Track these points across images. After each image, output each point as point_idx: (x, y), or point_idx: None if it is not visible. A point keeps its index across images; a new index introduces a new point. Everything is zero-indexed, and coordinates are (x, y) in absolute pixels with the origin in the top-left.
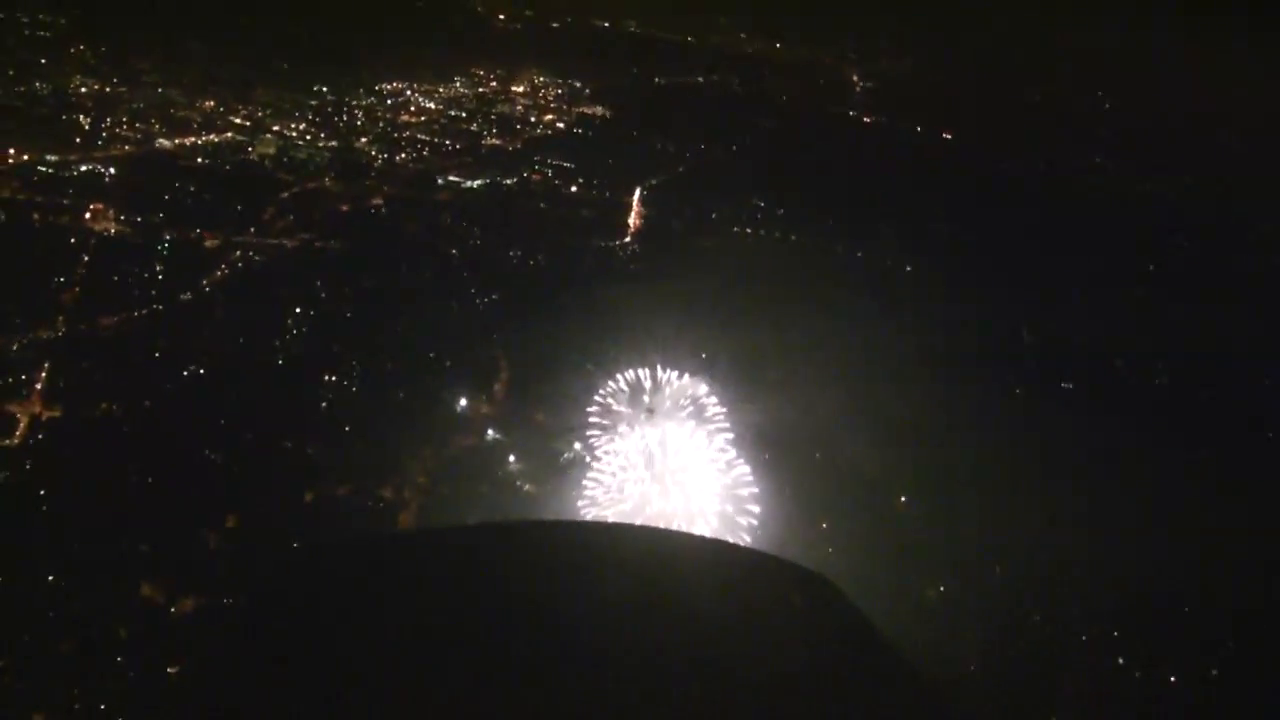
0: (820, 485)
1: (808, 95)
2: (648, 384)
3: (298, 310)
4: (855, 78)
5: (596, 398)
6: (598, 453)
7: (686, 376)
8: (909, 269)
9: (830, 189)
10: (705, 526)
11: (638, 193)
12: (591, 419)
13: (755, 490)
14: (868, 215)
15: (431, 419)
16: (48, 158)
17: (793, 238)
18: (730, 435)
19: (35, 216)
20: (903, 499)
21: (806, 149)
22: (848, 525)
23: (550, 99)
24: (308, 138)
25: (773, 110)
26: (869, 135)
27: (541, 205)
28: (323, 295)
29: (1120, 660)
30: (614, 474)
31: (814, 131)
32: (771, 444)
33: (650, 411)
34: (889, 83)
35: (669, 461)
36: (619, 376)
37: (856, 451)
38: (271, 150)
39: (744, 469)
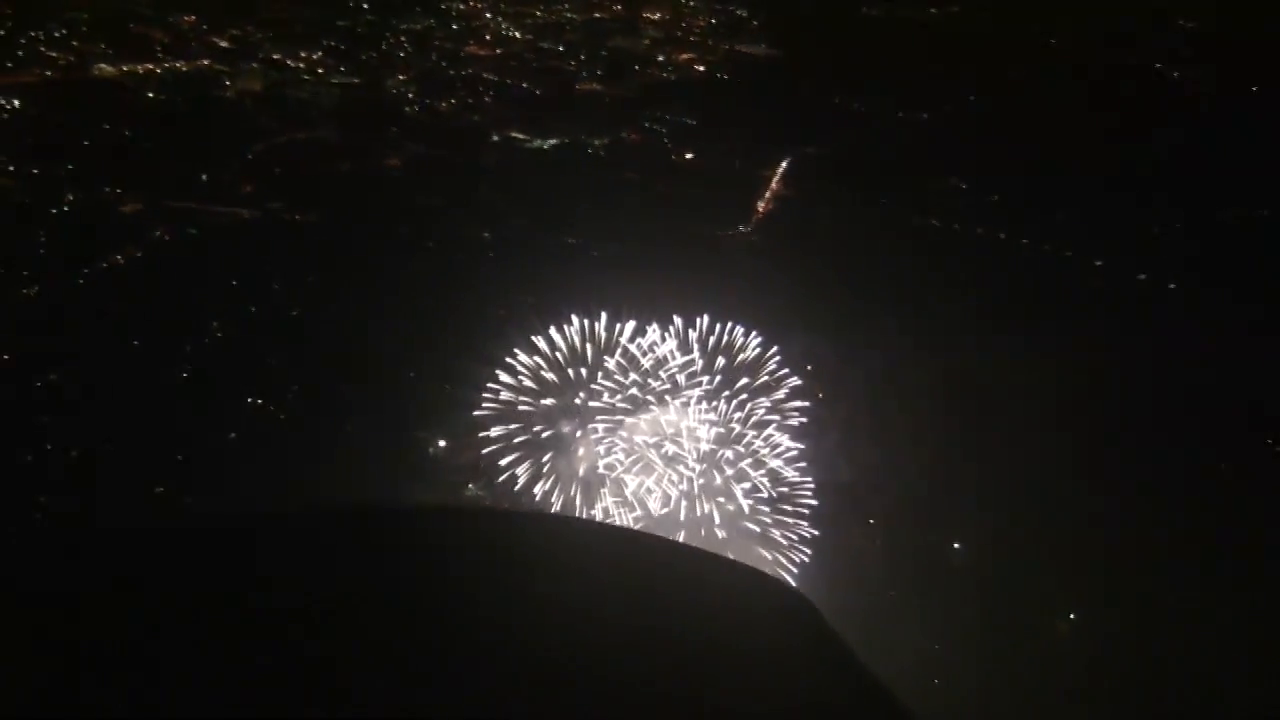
0: None
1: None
2: None
3: (222, 314)
4: None
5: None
6: None
7: None
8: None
9: (1064, 176)
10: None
11: (784, 165)
12: None
13: None
14: (1114, 209)
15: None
16: None
17: (1001, 236)
18: None
19: None
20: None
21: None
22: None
23: (695, 31)
24: (318, 71)
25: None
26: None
27: (631, 175)
28: (273, 288)
29: None
30: None
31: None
32: None
33: None
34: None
35: None
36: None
37: None
38: (257, 85)
39: None
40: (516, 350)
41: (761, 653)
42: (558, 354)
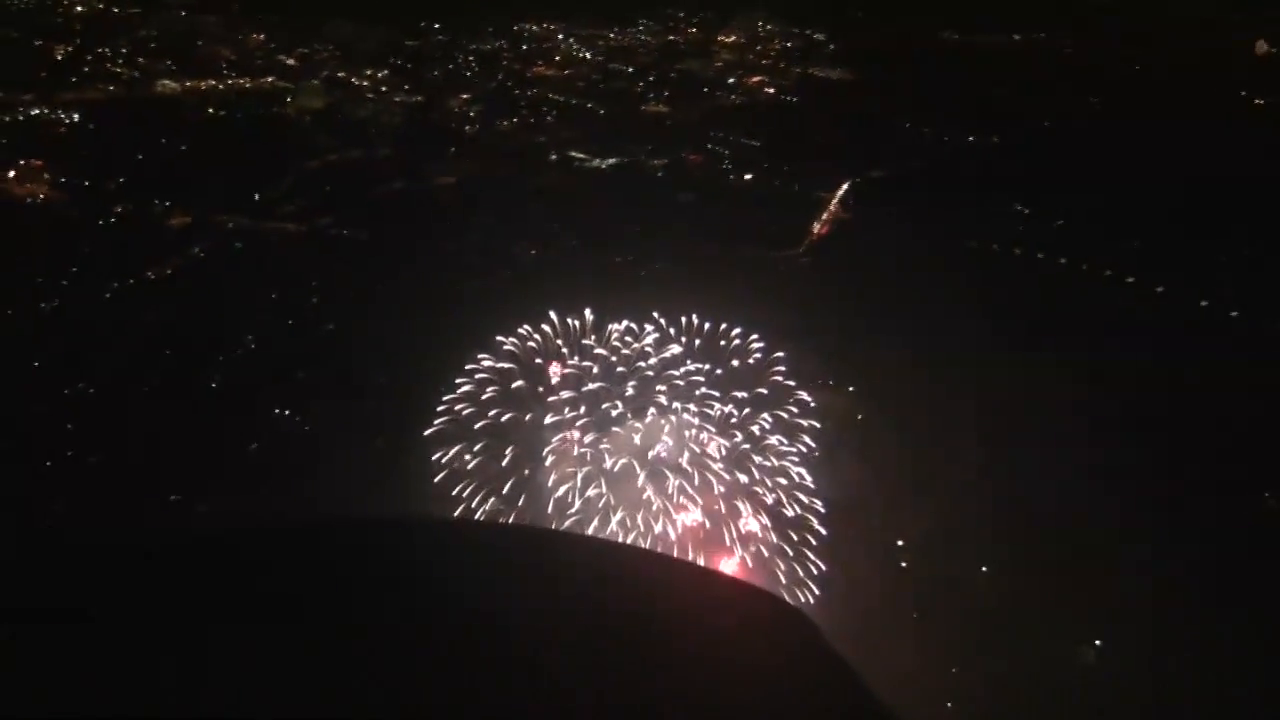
0: None
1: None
2: None
3: (257, 327)
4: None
5: None
6: None
7: None
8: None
9: (1131, 203)
10: None
11: (844, 187)
12: None
13: None
14: (1179, 237)
15: None
16: None
17: (1061, 261)
18: None
19: None
20: None
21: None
22: None
23: (769, 55)
24: (381, 90)
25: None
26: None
27: (687, 197)
28: (311, 302)
29: None
30: None
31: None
32: None
33: None
34: None
35: None
36: None
37: None
38: (318, 103)
39: None
40: (540, 361)
41: (754, 670)
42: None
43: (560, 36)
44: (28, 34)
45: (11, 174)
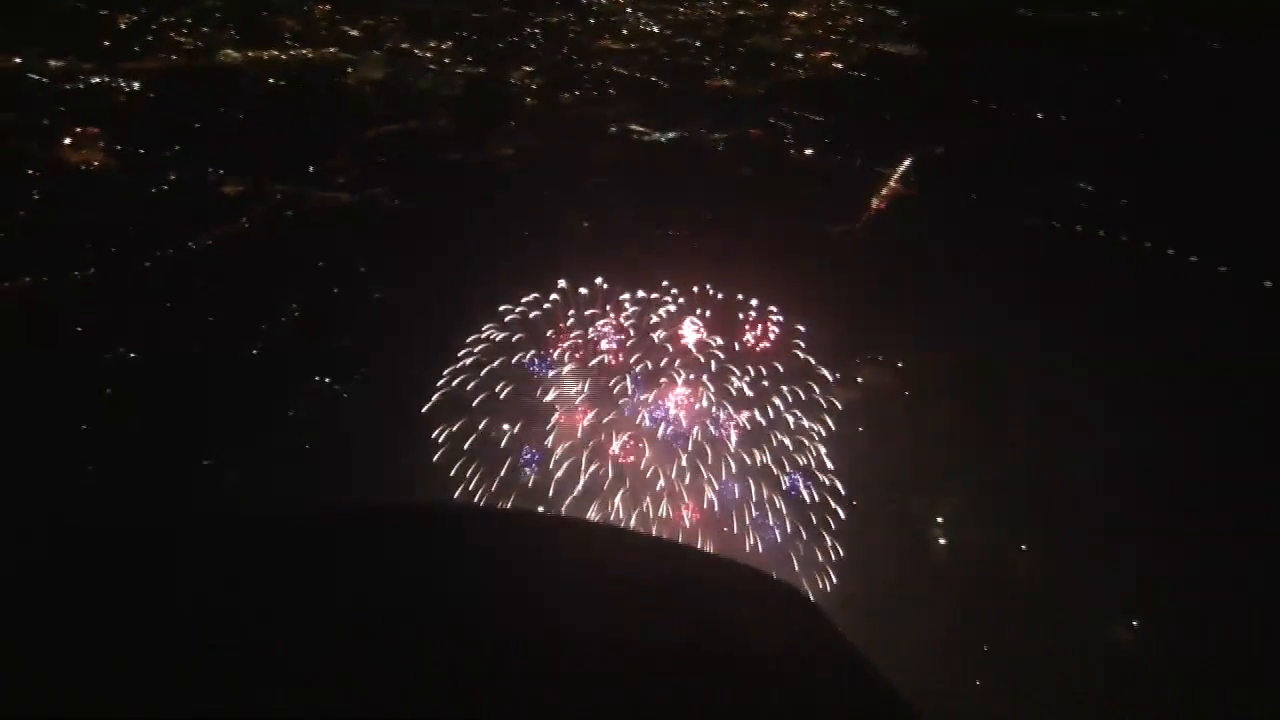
0: None
1: None
2: None
3: (302, 295)
4: None
5: None
6: None
7: None
8: None
9: (1199, 181)
10: None
11: (906, 164)
12: None
13: None
14: (1247, 216)
15: None
16: (50, 63)
17: (1123, 238)
18: None
19: None
20: None
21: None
22: None
23: (839, 30)
24: (444, 61)
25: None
26: None
27: (746, 170)
28: (358, 271)
29: None
30: None
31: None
32: None
33: None
34: None
35: None
36: None
37: None
38: (379, 74)
39: None
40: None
41: (758, 661)
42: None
43: (628, 10)
44: (93, 4)
45: (67, 141)
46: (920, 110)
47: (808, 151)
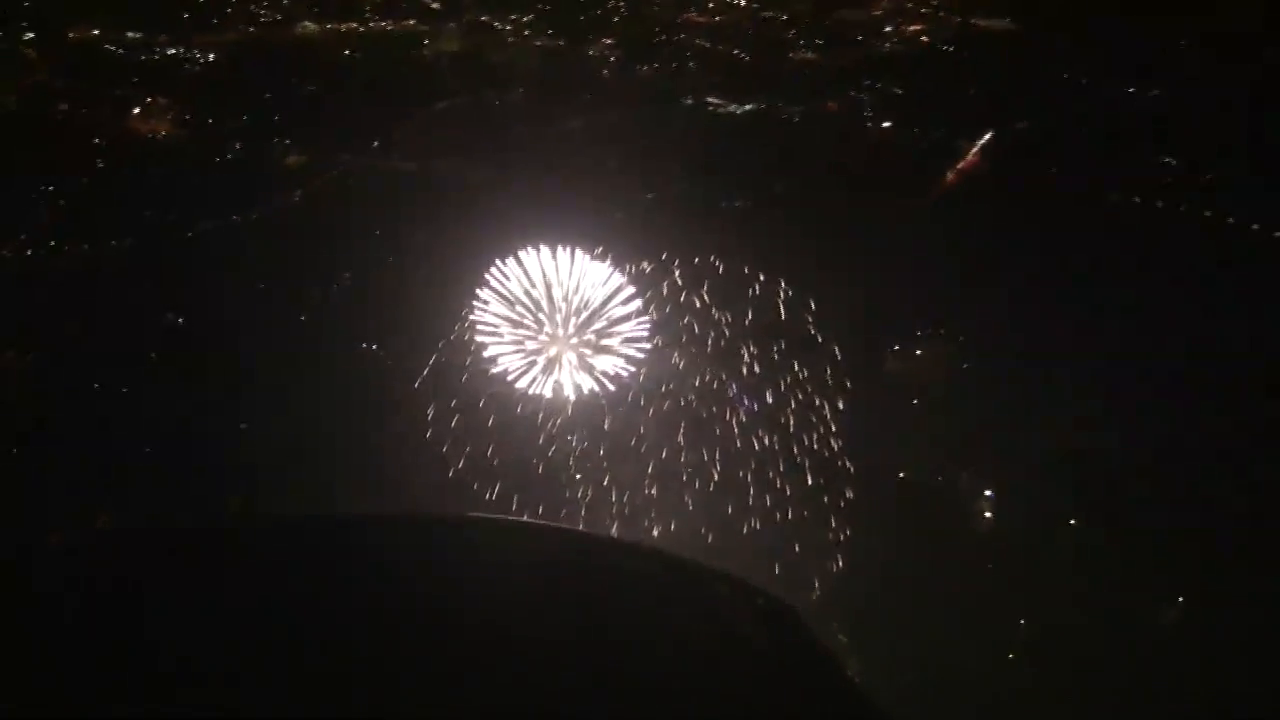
0: None
1: None
2: None
3: (355, 265)
4: None
5: None
6: None
7: None
8: None
9: None
10: None
11: (985, 138)
12: None
13: None
14: None
15: None
16: (127, 35)
17: (1206, 214)
18: None
19: (63, 108)
20: None
21: None
22: None
23: (930, 3)
24: (524, 34)
25: None
26: None
27: (820, 142)
28: (416, 239)
29: None
30: None
31: None
32: None
33: None
34: None
35: None
36: None
37: None
38: (455, 46)
39: None
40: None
41: (734, 674)
42: None
43: None
44: None
45: (135, 111)
46: (1007, 85)
47: (885, 125)
